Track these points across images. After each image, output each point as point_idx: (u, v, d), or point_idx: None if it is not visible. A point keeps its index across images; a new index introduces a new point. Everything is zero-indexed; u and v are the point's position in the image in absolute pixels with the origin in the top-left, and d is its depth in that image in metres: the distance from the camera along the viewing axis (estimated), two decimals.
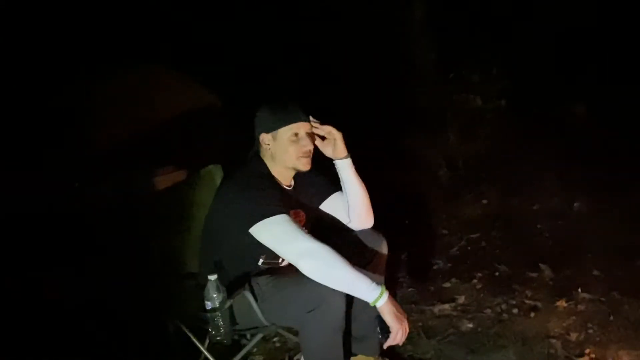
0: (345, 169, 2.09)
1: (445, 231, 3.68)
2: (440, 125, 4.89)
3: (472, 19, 5.43)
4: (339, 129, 2.08)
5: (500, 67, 5.25)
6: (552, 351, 2.36)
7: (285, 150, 1.98)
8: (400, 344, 1.87)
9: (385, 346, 1.90)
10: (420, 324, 2.62)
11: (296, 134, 1.98)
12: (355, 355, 2.17)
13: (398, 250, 3.23)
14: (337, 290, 1.78)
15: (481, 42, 5.34)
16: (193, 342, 2.02)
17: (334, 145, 2.06)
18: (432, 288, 2.97)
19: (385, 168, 4.04)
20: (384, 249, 2.14)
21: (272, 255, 1.94)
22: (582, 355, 2.32)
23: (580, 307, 2.67)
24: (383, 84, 5.10)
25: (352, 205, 2.12)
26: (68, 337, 2.46)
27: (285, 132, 1.97)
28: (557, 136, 4.50)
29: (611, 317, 2.56)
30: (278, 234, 1.84)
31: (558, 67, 5.06)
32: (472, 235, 3.57)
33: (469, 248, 3.44)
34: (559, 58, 5.10)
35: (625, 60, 4.94)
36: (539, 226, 3.62)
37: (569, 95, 4.82)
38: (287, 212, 1.88)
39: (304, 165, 2.00)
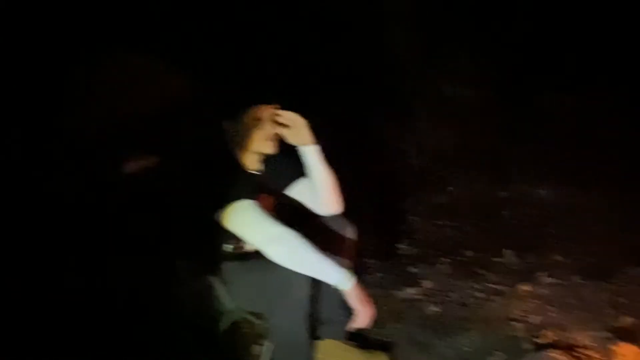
0: (309, 156, 2.07)
1: (413, 217, 3.72)
2: (413, 113, 4.91)
3: (456, 4, 5.41)
4: (307, 115, 2.07)
5: (472, 54, 5.27)
6: (514, 333, 2.42)
7: (250, 135, 1.97)
8: (366, 327, 1.90)
9: (350, 329, 1.92)
10: (386, 307, 2.65)
11: (259, 118, 1.97)
12: (322, 339, 2.19)
13: (366, 235, 3.25)
14: (303, 275, 1.79)
15: (463, 29, 5.35)
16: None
17: (298, 132, 2.05)
18: (399, 273, 3.00)
19: (357, 154, 4.05)
20: (351, 234, 2.15)
21: (239, 240, 1.94)
22: (542, 337, 2.38)
23: (543, 290, 2.74)
24: (359, 70, 5.08)
25: (318, 192, 2.13)
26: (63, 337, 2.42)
27: (247, 116, 1.97)
28: (525, 124, 4.57)
29: (572, 301, 2.64)
30: (244, 220, 1.84)
31: (539, 57, 5.11)
32: (438, 222, 3.62)
33: (435, 234, 3.50)
34: (541, 48, 5.14)
35: (608, 53, 5.00)
36: (504, 212, 3.70)
37: (541, 86, 4.88)
38: (253, 198, 1.88)
39: (269, 149, 2.00)
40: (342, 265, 1.82)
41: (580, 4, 5.06)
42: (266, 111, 1.99)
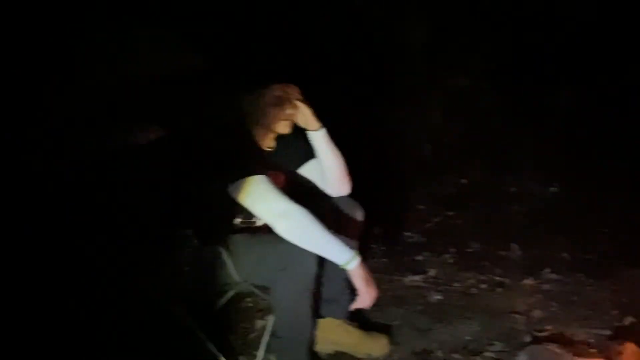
0: (317, 140, 2.09)
1: (421, 206, 3.73)
2: (425, 102, 4.91)
3: None
4: (314, 99, 2.08)
5: (489, 47, 5.25)
6: (515, 326, 2.44)
7: (267, 112, 1.99)
8: (368, 308, 1.93)
9: (352, 308, 1.95)
10: (390, 293, 2.68)
11: (279, 97, 1.99)
12: (324, 317, 2.23)
13: (373, 221, 3.27)
14: (309, 252, 1.82)
15: (472, 22, 5.33)
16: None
17: (304, 117, 2.06)
18: (405, 260, 3.03)
19: (368, 141, 4.07)
20: (359, 215, 2.18)
21: (249, 215, 1.97)
22: (542, 331, 2.40)
23: (546, 286, 2.75)
24: (369, 58, 5.07)
25: (326, 174, 2.15)
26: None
27: (269, 92, 1.99)
28: (540, 120, 4.56)
29: (574, 298, 2.65)
30: (255, 194, 1.86)
31: (549, 50, 5.07)
32: (448, 212, 3.63)
33: (444, 224, 3.51)
34: (551, 40, 5.10)
35: (618, 48, 4.96)
36: (514, 207, 3.70)
37: (557, 80, 4.85)
38: (265, 174, 1.91)
39: (285, 128, 2.02)
40: (347, 244, 1.85)
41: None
42: (288, 91, 2.00)
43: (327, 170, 2.14)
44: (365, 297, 1.88)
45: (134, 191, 2.23)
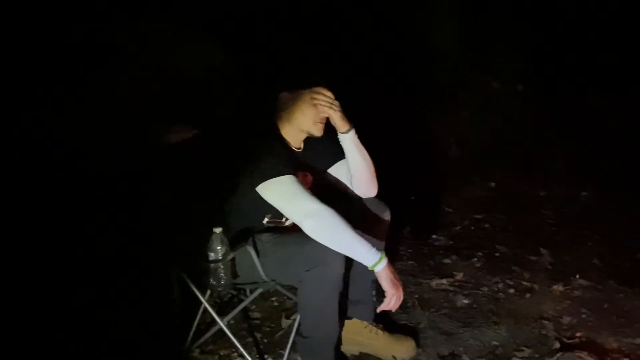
0: (346, 142, 2.07)
1: (449, 209, 3.70)
2: (455, 104, 4.88)
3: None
4: (345, 99, 2.07)
5: (520, 50, 5.20)
6: (543, 332, 2.41)
7: (303, 113, 1.99)
8: (394, 310, 1.92)
9: (378, 310, 1.94)
10: (416, 295, 2.66)
11: (313, 99, 1.99)
12: (350, 318, 2.23)
13: (401, 223, 3.26)
14: (337, 252, 1.82)
15: (505, 25, 5.29)
16: (193, 293, 2.08)
17: (335, 120, 2.04)
18: (432, 263, 3.00)
19: (397, 142, 4.05)
20: (386, 216, 2.17)
21: (277, 215, 1.98)
22: (572, 338, 2.36)
23: (577, 292, 2.71)
24: (402, 59, 5.06)
25: (353, 176, 2.14)
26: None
27: (307, 94, 1.99)
28: (572, 124, 4.49)
29: (605, 305, 2.60)
30: (284, 194, 1.87)
31: (579, 54, 5.01)
32: (476, 216, 3.59)
33: (472, 227, 3.47)
34: (581, 46, 5.04)
35: None
36: (543, 212, 3.65)
37: (587, 84, 4.79)
38: (294, 174, 1.91)
39: (319, 131, 2.02)
40: (375, 245, 1.84)
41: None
42: (322, 92, 2.00)
43: (356, 171, 2.13)
44: (391, 299, 1.87)
45: (165, 190, 2.25)
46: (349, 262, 1.88)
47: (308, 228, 1.82)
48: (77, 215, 2.75)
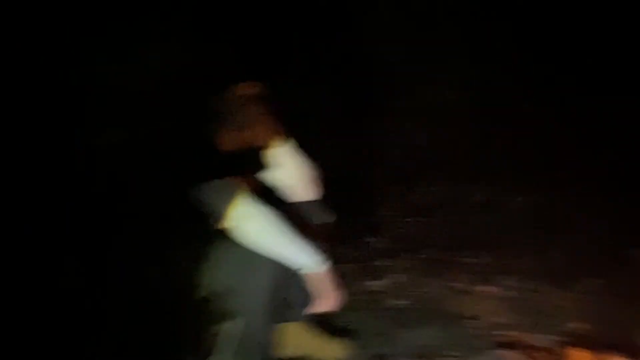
0: (279, 156, 2.10)
1: (390, 213, 3.76)
2: (400, 112, 4.92)
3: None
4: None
5: (467, 58, 5.25)
6: (476, 332, 2.49)
7: (234, 115, 1.98)
8: (332, 312, 1.94)
9: (315, 312, 1.96)
10: (353, 297, 2.68)
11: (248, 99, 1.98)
12: (286, 321, 2.23)
13: (341, 226, 3.28)
14: (271, 255, 1.82)
15: (461, 32, 5.32)
16: None
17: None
18: (367, 265, 3.05)
19: (339, 146, 4.06)
20: (326, 219, 2.19)
21: (218, 217, 1.95)
22: (504, 337, 2.45)
23: (504, 293, 2.81)
24: (346, 66, 5.07)
25: (292, 181, 2.16)
26: None
27: (233, 96, 1.98)
28: (519, 132, 4.58)
29: (531, 304, 2.71)
30: (219, 196, 1.87)
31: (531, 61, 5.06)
32: (409, 219, 3.66)
33: (408, 231, 3.54)
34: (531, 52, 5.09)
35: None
36: (485, 217, 3.73)
37: (538, 92, 4.87)
38: (230, 176, 1.90)
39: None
40: (314, 248, 1.86)
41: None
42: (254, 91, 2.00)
43: (292, 179, 2.15)
44: (330, 301, 1.90)
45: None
46: (284, 264, 1.89)
47: (244, 230, 1.81)
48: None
